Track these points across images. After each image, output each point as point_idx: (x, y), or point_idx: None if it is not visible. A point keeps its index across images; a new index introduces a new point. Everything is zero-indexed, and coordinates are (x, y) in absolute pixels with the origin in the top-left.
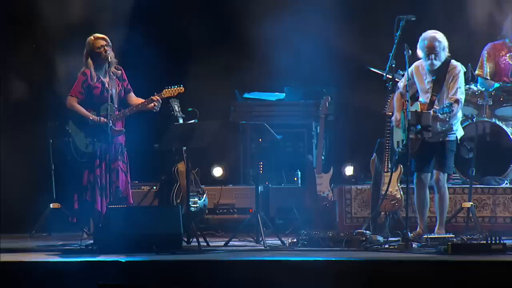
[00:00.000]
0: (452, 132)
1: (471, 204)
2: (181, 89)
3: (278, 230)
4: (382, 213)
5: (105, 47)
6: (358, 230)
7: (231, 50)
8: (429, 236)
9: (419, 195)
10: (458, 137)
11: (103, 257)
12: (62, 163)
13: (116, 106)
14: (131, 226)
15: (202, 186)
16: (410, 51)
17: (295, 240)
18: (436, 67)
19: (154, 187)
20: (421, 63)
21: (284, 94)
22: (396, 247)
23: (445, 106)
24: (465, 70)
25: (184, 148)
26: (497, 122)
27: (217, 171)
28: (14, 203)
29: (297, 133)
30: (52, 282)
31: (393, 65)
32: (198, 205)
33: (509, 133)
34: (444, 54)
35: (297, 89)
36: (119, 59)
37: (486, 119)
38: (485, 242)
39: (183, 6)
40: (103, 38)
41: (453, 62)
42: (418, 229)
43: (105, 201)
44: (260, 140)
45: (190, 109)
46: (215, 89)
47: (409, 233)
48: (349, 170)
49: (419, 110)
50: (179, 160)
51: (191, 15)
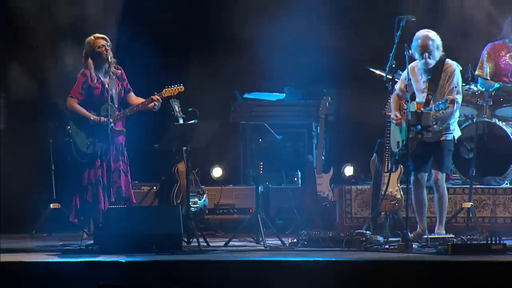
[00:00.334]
0: (449, 132)
1: (471, 205)
2: (181, 88)
3: (278, 230)
4: (382, 213)
5: (105, 47)
6: (358, 231)
7: (231, 50)
8: (429, 237)
9: (417, 195)
10: (456, 137)
11: (103, 257)
12: (62, 163)
13: (116, 106)
14: (131, 226)
15: (202, 186)
16: (410, 51)
17: (295, 240)
18: (431, 66)
19: (154, 187)
20: (417, 64)
21: (284, 94)
22: (396, 247)
23: (441, 103)
24: (461, 69)
25: (184, 148)
26: (497, 123)
27: (217, 172)
28: (14, 203)
29: (297, 133)
30: (52, 282)
31: (393, 65)
32: (198, 205)
33: (509, 133)
34: (438, 53)
35: (297, 89)
36: (119, 59)
37: (486, 119)
38: (485, 242)
39: (183, 6)
40: (103, 38)
41: (448, 61)
42: (418, 229)
43: (108, 201)
44: (260, 140)
45: (190, 109)
46: (215, 89)
47: (409, 233)
48: (349, 170)
49: (415, 110)
50: (179, 160)
51: (191, 15)
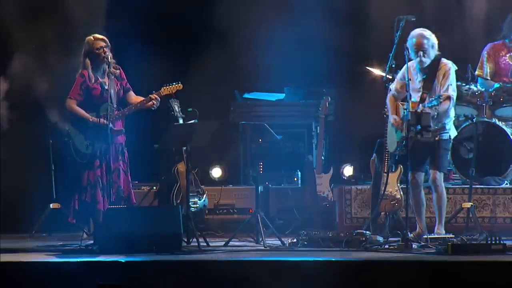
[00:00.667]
0: (445, 131)
1: (471, 205)
2: (179, 86)
3: (278, 230)
4: (382, 214)
5: (104, 49)
6: (358, 231)
7: (231, 50)
8: (429, 237)
9: (414, 195)
10: (452, 137)
11: (103, 257)
12: (62, 163)
13: (115, 106)
14: (131, 226)
15: (202, 187)
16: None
17: (295, 240)
18: (426, 65)
19: (154, 187)
20: (412, 63)
21: (284, 94)
22: (396, 247)
23: (434, 99)
24: (457, 68)
25: (184, 148)
26: (497, 123)
27: (216, 172)
28: (14, 203)
29: (297, 133)
30: (52, 282)
31: (393, 65)
32: (198, 205)
33: (509, 134)
34: (433, 52)
35: (297, 89)
36: (118, 59)
37: (486, 120)
38: (485, 243)
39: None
40: (103, 39)
41: (444, 60)
42: (418, 229)
43: (107, 201)
44: (260, 140)
45: (190, 109)
46: (215, 89)
47: (409, 233)
48: (347, 171)
49: (411, 109)
50: (179, 160)
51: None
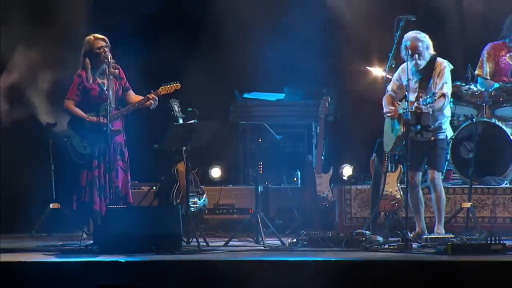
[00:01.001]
0: (442, 131)
1: (471, 204)
2: (177, 86)
3: (278, 230)
4: (382, 213)
5: (104, 48)
6: (358, 231)
7: (231, 50)
8: (429, 236)
9: (413, 195)
10: (448, 136)
11: (103, 257)
12: (62, 163)
13: (114, 106)
14: (131, 226)
15: (202, 186)
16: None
17: (295, 240)
18: (422, 67)
19: (154, 187)
20: (408, 65)
21: (284, 94)
22: (396, 247)
23: (428, 97)
24: (452, 68)
25: (184, 148)
26: (497, 122)
27: (216, 172)
28: (14, 203)
29: (297, 133)
30: (52, 282)
31: (393, 65)
32: (198, 205)
33: (509, 133)
34: (428, 53)
35: (297, 89)
36: (118, 59)
37: (486, 119)
38: (485, 242)
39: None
40: (103, 39)
41: (439, 59)
42: (418, 229)
43: (104, 202)
44: (260, 140)
45: (190, 109)
46: (215, 89)
47: (409, 233)
48: (347, 171)
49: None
50: (179, 160)
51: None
